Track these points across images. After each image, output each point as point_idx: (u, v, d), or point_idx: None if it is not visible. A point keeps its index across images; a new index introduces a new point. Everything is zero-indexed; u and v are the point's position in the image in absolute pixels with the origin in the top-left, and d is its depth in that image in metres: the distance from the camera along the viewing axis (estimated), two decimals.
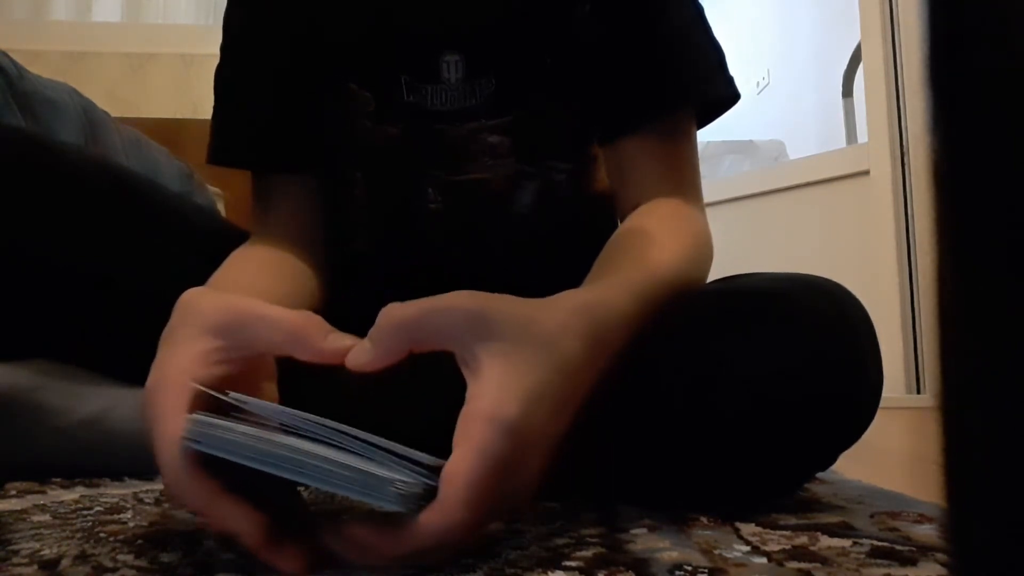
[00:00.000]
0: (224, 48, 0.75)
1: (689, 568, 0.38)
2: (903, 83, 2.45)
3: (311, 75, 0.71)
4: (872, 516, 0.53)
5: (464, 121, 0.69)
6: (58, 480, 0.67)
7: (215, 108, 0.73)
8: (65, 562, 0.39)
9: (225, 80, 0.74)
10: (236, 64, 0.74)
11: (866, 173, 2.52)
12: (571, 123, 0.72)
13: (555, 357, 0.42)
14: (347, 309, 0.53)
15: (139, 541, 0.44)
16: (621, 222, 0.69)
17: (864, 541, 0.45)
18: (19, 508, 0.55)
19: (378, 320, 0.41)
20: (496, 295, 0.43)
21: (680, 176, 0.69)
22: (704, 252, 0.66)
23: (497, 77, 0.69)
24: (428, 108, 0.69)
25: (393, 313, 0.41)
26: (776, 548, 0.43)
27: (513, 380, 0.40)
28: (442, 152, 0.70)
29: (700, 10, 0.71)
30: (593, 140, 0.73)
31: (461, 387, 0.41)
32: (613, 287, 0.53)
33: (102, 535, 0.46)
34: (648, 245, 0.61)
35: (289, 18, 0.72)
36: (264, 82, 0.73)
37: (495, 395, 0.39)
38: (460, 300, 0.41)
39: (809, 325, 0.53)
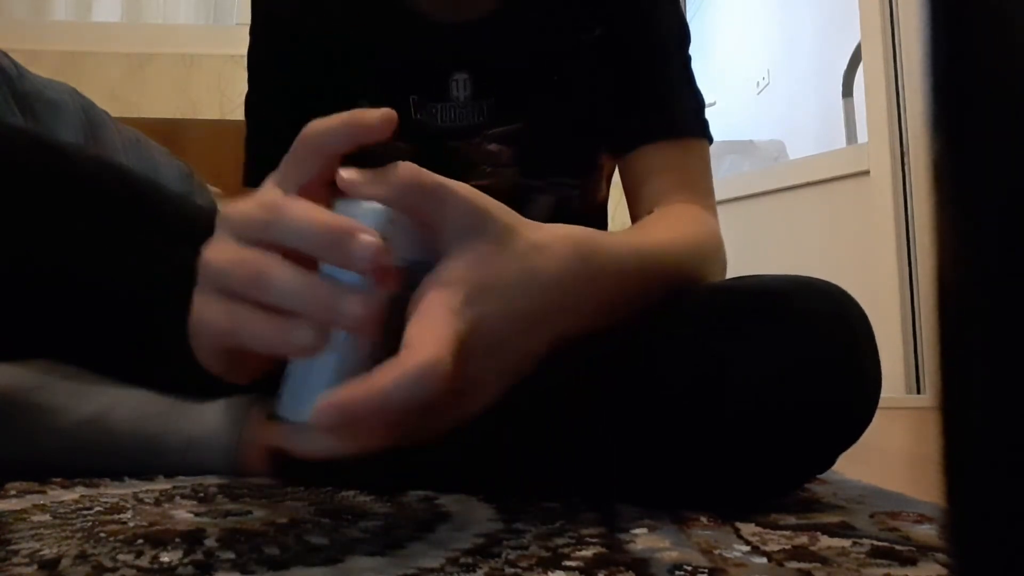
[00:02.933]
0: (249, 79, 0.77)
1: (689, 568, 0.38)
2: (903, 83, 2.45)
3: (326, 97, 0.72)
4: (872, 516, 0.53)
5: (472, 136, 0.71)
6: (58, 480, 0.67)
7: (247, 136, 0.76)
8: (65, 562, 0.39)
9: (252, 108, 0.77)
10: (260, 94, 0.77)
11: (866, 173, 2.52)
12: (577, 138, 0.73)
13: (525, 269, 0.42)
14: None
15: (139, 541, 0.44)
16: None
17: (864, 541, 0.45)
18: (19, 508, 0.55)
19: (398, 167, 0.40)
20: (492, 200, 0.43)
21: (694, 186, 0.71)
22: (714, 248, 0.66)
23: (501, 92, 0.70)
24: (438, 125, 0.70)
25: (414, 169, 0.40)
26: (776, 548, 0.43)
27: (474, 272, 0.40)
28: (450, 166, 0.71)
29: (690, 59, 0.76)
30: (600, 154, 0.75)
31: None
32: (611, 236, 0.53)
33: (102, 535, 0.46)
34: (655, 222, 0.64)
35: (305, 50, 0.74)
36: (285, 109, 0.75)
37: (454, 275, 0.39)
38: (467, 192, 0.41)
39: (808, 327, 0.53)
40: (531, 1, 0.72)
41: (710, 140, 0.75)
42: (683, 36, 0.76)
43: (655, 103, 0.72)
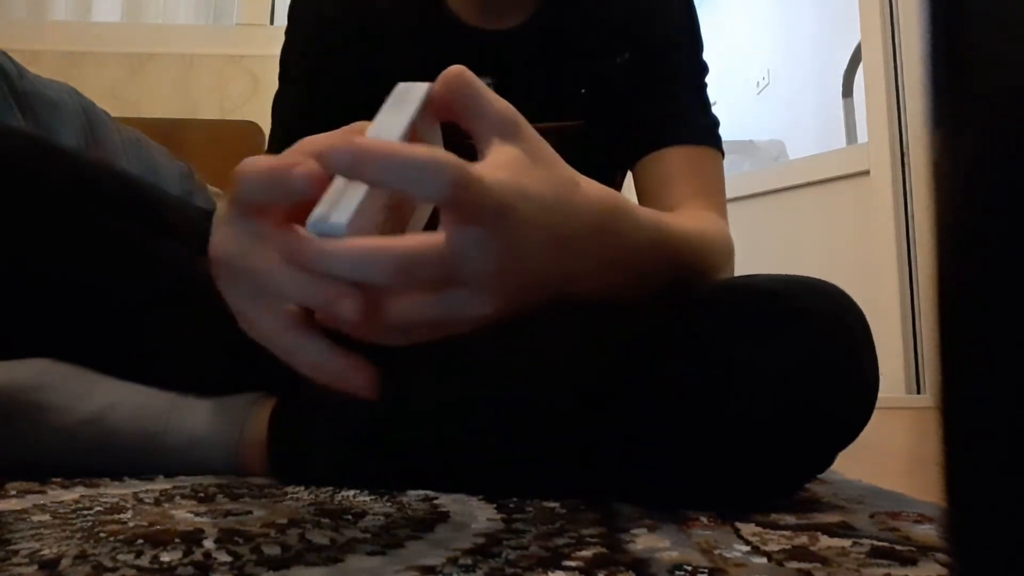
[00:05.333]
0: (282, 76, 0.81)
1: (689, 568, 0.38)
2: (903, 83, 2.45)
3: (352, 105, 0.75)
4: (872, 516, 0.53)
5: None
6: (58, 480, 0.67)
7: (272, 131, 0.80)
8: (65, 562, 0.39)
9: (282, 106, 0.80)
10: (292, 90, 0.80)
11: (866, 173, 2.52)
12: (599, 150, 0.75)
13: (560, 194, 0.41)
14: None
15: (139, 541, 0.44)
16: None
17: (864, 541, 0.45)
18: (19, 508, 0.55)
19: (448, 70, 0.41)
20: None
21: (710, 194, 0.73)
22: (727, 248, 0.67)
23: (523, 99, 0.72)
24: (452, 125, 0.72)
25: (461, 68, 0.41)
26: (776, 548, 0.43)
27: (516, 171, 0.39)
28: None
29: (706, 85, 0.80)
30: (615, 174, 0.77)
31: None
32: (639, 207, 0.52)
33: (102, 535, 0.46)
34: (676, 215, 0.65)
35: (343, 48, 0.76)
36: (314, 106, 0.78)
37: (497, 163, 0.39)
38: (504, 104, 0.42)
39: (807, 327, 0.53)
40: (563, 18, 0.75)
41: (722, 155, 0.77)
42: (702, 64, 0.79)
43: (675, 114, 0.75)
